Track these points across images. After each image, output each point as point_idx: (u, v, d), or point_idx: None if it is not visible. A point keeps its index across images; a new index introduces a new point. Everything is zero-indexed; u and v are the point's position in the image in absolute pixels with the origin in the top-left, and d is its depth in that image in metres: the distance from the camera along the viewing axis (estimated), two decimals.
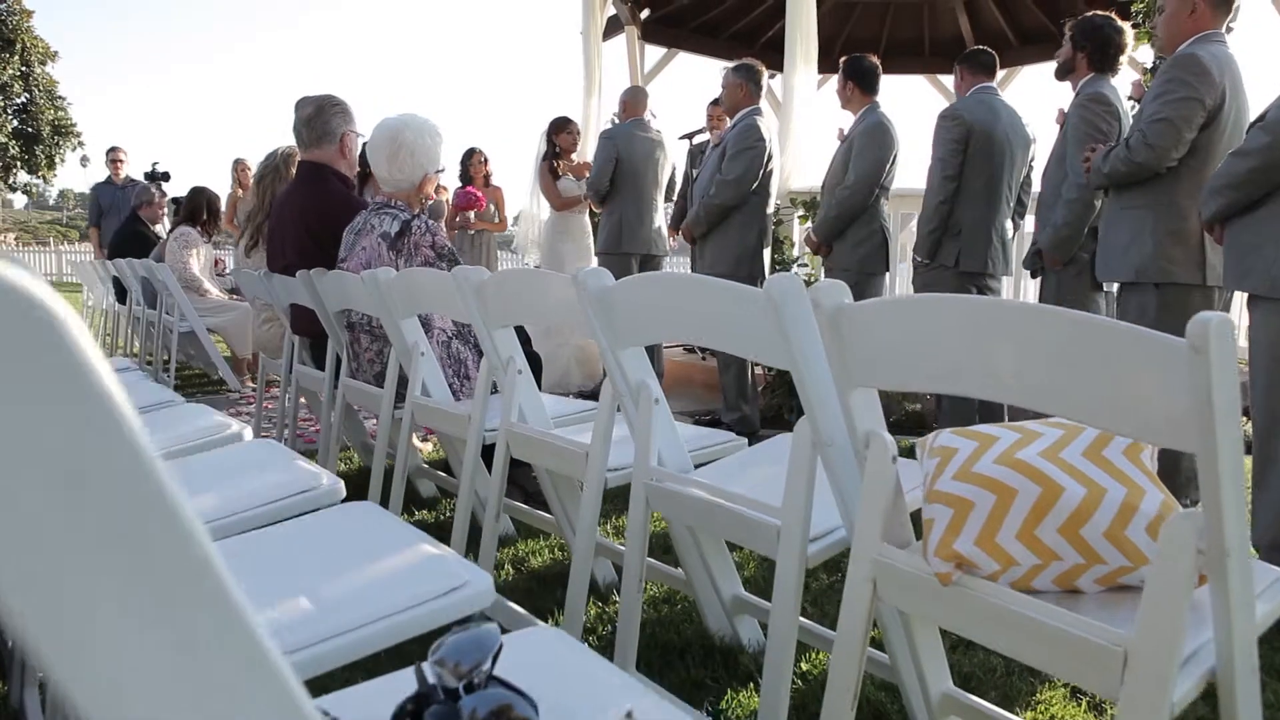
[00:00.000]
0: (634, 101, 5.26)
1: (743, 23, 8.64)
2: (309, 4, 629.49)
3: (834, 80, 10.54)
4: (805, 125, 4.96)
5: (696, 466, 1.80)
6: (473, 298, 1.98)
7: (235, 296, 5.65)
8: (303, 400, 3.34)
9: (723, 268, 4.24)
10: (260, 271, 3.09)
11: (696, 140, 6.21)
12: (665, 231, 5.32)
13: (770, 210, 4.30)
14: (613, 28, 7.85)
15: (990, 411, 3.90)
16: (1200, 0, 2.69)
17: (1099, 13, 3.31)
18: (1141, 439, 1.15)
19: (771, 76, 9.59)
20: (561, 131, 5.62)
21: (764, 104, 9.28)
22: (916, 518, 1.27)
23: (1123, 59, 3.29)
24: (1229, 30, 2.77)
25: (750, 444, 2.14)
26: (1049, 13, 8.39)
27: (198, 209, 5.49)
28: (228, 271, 5.93)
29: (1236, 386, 0.86)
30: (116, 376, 0.30)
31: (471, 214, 6.19)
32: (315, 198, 2.70)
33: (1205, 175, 2.57)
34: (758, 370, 4.91)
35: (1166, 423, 0.89)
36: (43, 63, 19.95)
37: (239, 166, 8.05)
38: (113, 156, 8.09)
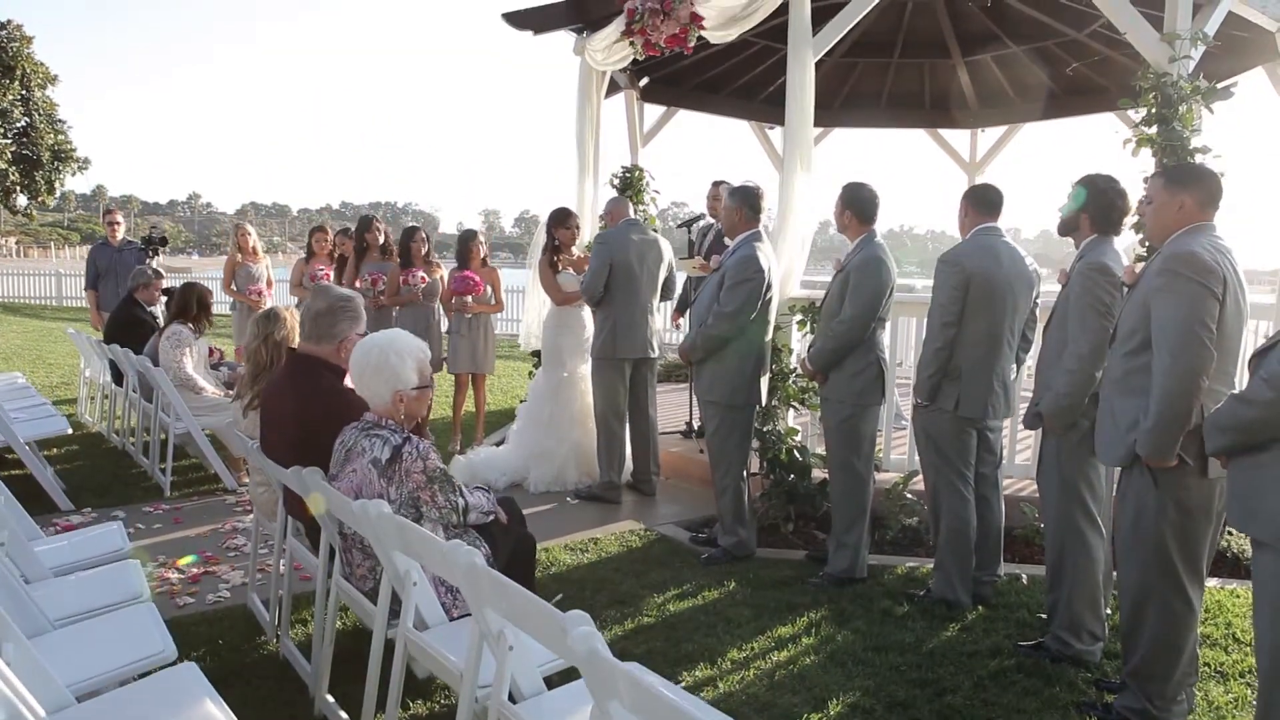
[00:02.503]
0: (617, 209, 5.27)
1: (742, 80, 8.60)
2: (308, 7, 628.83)
3: (835, 134, 10.50)
4: (803, 229, 4.92)
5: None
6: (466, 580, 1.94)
7: (230, 392, 5.62)
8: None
9: (719, 394, 4.23)
10: (255, 444, 3.07)
11: (696, 226, 6.20)
12: (660, 328, 5.32)
13: (768, 338, 4.27)
14: (611, 88, 7.82)
15: (985, 529, 3.89)
16: (1188, 198, 2.67)
17: (1102, 174, 3.29)
18: None
19: (770, 129, 9.63)
20: (561, 225, 5.60)
21: (763, 149, 9.14)
22: None
23: (1126, 221, 3.27)
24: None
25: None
26: (1048, 71, 8.35)
27: (187, 305, 5.48)
28: (222, 363, 5.90)
29: None
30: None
31: (469, 298, 6.17)
32: (308, 397, 2.69)
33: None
34: (754, 475, 4.89)
35: None
36: (42, 87, 19.94)
37: (239, 231, 8.05)
38: (109, 220, 8.08)
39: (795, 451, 4.80)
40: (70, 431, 5.21)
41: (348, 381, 2.75)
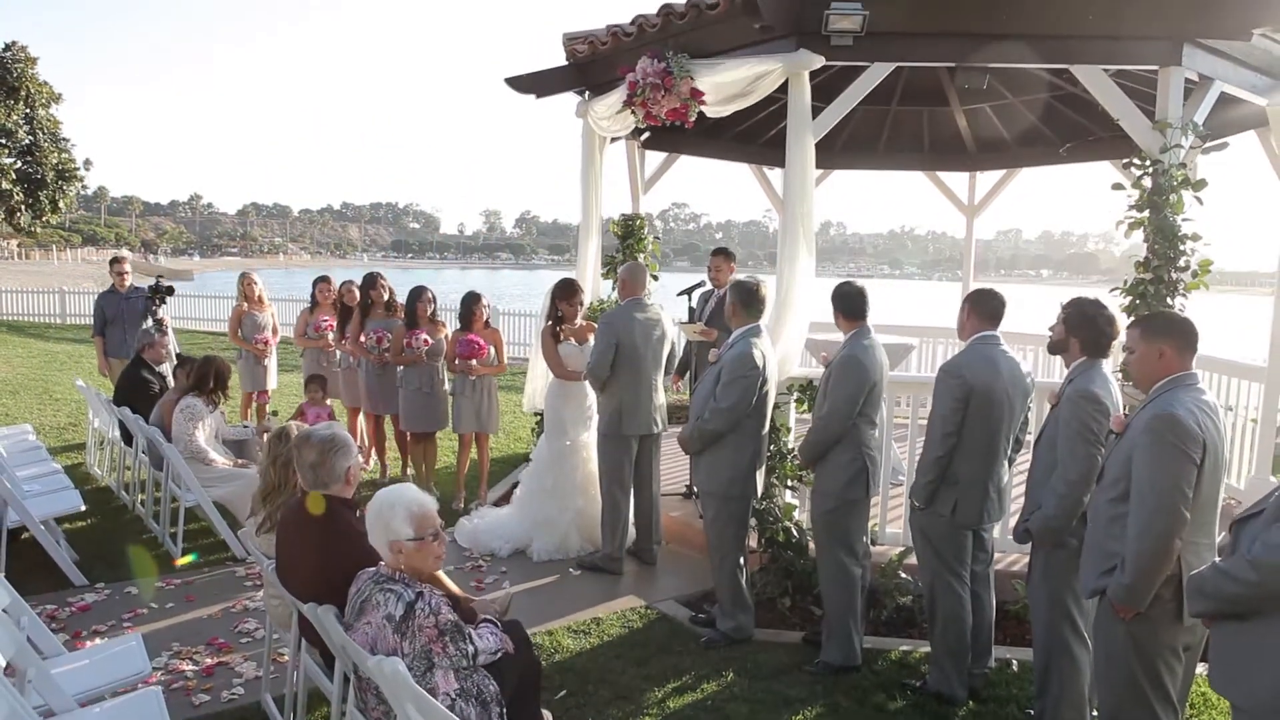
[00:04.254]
0: (632, 280, 5.35)
1: (743, 125, 8.69)
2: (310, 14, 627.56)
3: (835, 175, 10.56)
4: (803, 311, 5.02)
5: None
6: None
7: (240, 462, 5.73)
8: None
9: (716, 485, 4.33)
10: (271, 564, 3.17)
11: (698, 293, 6.30)
12: (664, 407, 5.42)
13: (764, 431, 4.37)
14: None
15: (978, 623, 3.99)
16: (1168, 348, 2.78)
17: (1090, 300, 3.39)
18: None
19: (770, 169, 9.72)
20: (565, 299, 5.69)
21: (762, 190, 9.15)
22: None
23: (1115, 344, 3.37)
24: None
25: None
26: (1044, 118, 8.45)
27: (204, 378, 5.57)
28: (229, 437, 5.98)
29: None
30: None
31: (474, 361, 6.26)
32: (325, 538, 2.80)
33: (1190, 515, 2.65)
34: (752, 552, 4.99)
35: None
36: (46, 106, 20.03)
37: (245, 280, 8.15)
38: (118, 269, 8.17)
39: (792, 529, 4.90)
40: (83, 508, 5.30)
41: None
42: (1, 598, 3.08)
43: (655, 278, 7.55)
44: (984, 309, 3.75)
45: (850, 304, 4.11)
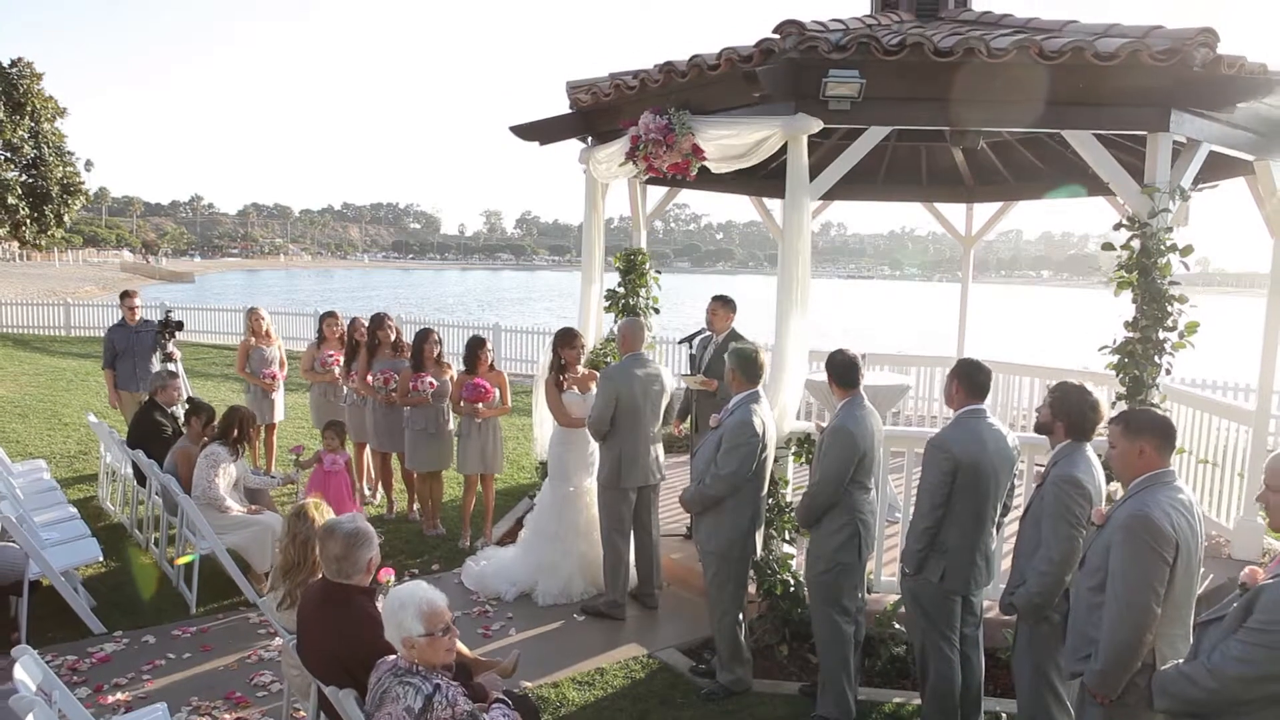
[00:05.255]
0: (631, 336, 5.50)
1: None
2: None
3: (835, 205, 10.70)
4: (798, 369, 5.16)
5: None
6: None
7: (254, 509, 5.87)
8: None
9: (716, 545, 4.48)
10: (291, 641, 3.32)
11: (697, 340, 6.45)
12: (662, 459, 5.58)
13: (763, 493, 4.52)
14: None
15: (966, 683, 4.13)
16: (1148, 445, 2.92)
17: (1075, 386, 3.54)
18: None
19: (771, 199, 9.86)
20: (567, 346, 5.84)
21: (761, 219, 9.42)
22: None
23: (1099, 429, 3.51)
24: None
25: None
26: (1039, 155, 8.59)
27: (229, 427, 5.73)
28: (252, 485, 6.12)
29: None
30: None
31: (479, 405, 6.41)
32: (346, 627, 2.95)
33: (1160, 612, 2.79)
34: (751, 602, 5.13)
35: None
36: (51, 120, 20.18)
37: (253, 316, 8.30)
38: (128, 304, 8.32)
39: (789, 581, 5.05)
40: (102, 558, 5.45)
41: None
42: (34, 672, 3.22)
43: (657, 311, 7.71)
44: (971, 385, 3.90)
45: (844, 373, 4.26)
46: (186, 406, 6.29)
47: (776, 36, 4.96)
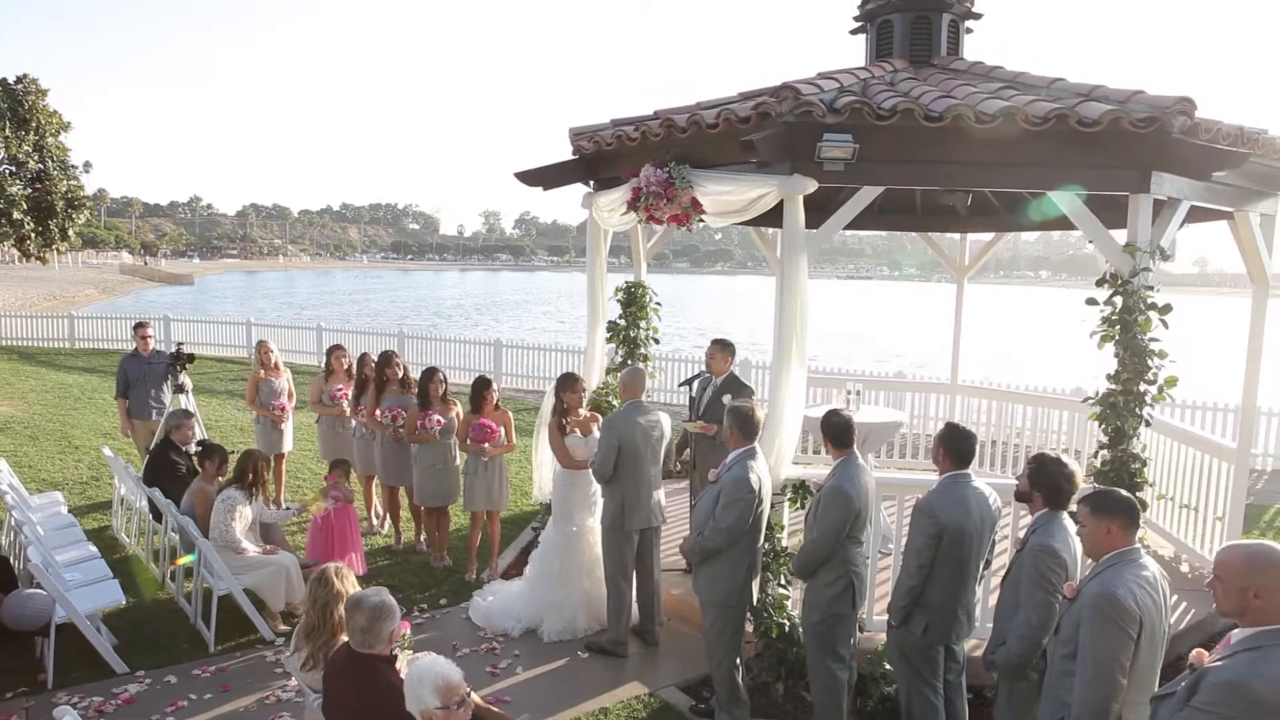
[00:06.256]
0: (632, 384, 5.71)
1: None
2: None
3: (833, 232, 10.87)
4: (793, 420, 5.37)
5: None
6: None
7: (269, 549, 6.07)
8: None
9: (714, 595, 4.70)
10: (317, 701, 3.53)
11: (696, 382, 6.66)
12: (663, 502, 5.79)
13: (759, 544, 4.74)
14: None
15: (953, 714, 4.35)
16: (1114, 525, 3.14)
17: (1052, 458, 3.75)
18: None
19: (769, 226, 10.07)
20: (569, 390, 6.05)
21: (760, 248, 9.56)
22: None
23: (1074, 499, 3.72)
24: None
25: None
26: (1034, 193, 8.79)
27: (244, 472, 5.94)
28: (268, 520, 6.32)
29: None
30: None
31: (486, 445, 6.62)
32: (367, 692, 3.15)
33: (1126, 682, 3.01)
34: (749, 642, 5.34)
35: None
36: (55, 134, 20.35)
37: (262, 349, 8.50)
38: (141, 334, 8.54)
39: (785, 624, 5.26)
40: (124, 602, 5.65)
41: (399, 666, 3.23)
42: None
43: (657, 341, 7.92)
44: (956, 453, 4.12)
45: (839, 435, 4.48)
46: (199, 448, 6.49)
47: (773, 100, 5.17)
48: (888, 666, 5.17)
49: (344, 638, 3.46)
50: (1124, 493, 3.25)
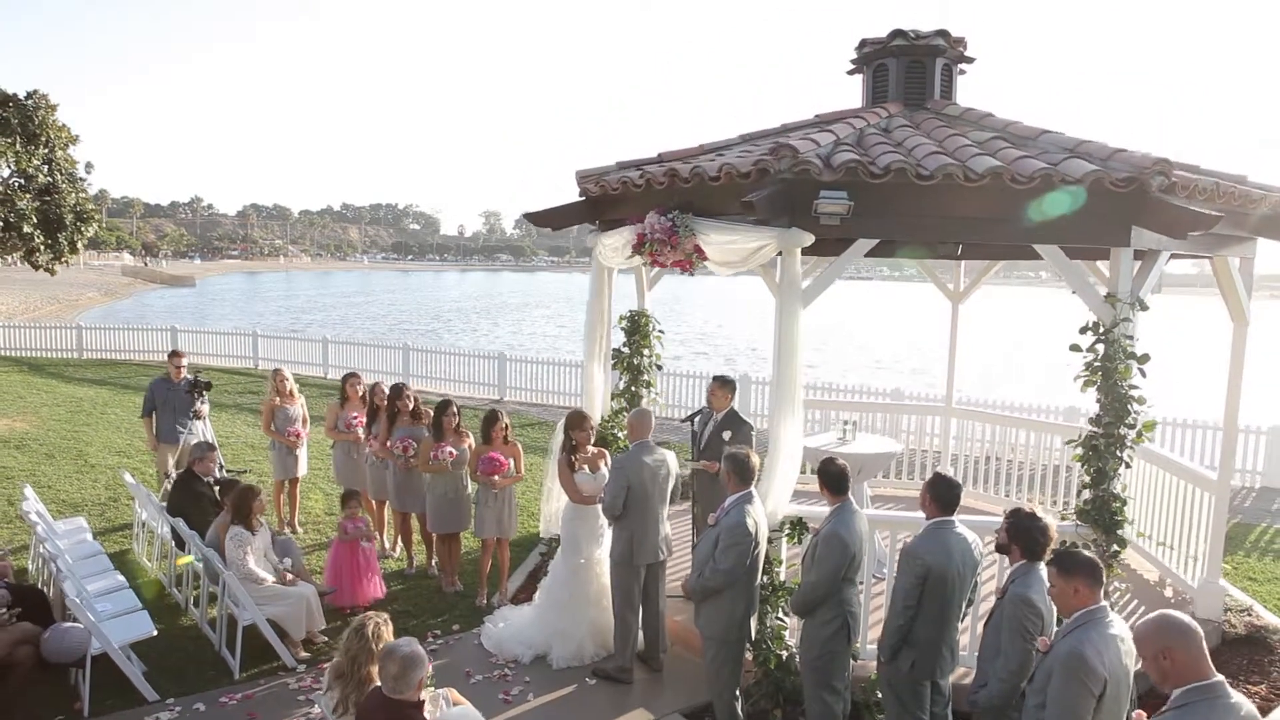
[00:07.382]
0: (640, 425, 5.98)
1: None
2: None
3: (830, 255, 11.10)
4: (789, 468, 5.64)
5: None
6: None
7: (290, 579, 6.35)
8: None
9: (715, 631, 4.99)
10: None
11: (698, 419, 6.95)
12: (670, 536, 6.07)
13: (757, 583, 5.03)
14: None
15: None
16: (1081, 585, 3.42)
17: (1027, 514, 4.04)
18: None
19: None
20: (577, 428, 6.32)
21: (761, 278, 9.67)
22: None
23: (1049, 550, 4.00)
24: None
25: None
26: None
27: (239, 509, 6.21)
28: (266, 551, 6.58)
29: None
30: None
31: (496, 476, 6.89)
32: None
33: None
34: (747, 672, 5.62)
35: None
36: (64, 148, 20.64)
37: (277, 377, 8.77)
38: (175, 363, 8.86)
39: (783, 653, 5.54)
40: (155, 633, 5.92)
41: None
42: None
43: (660, 368, 8.19)
44: (942, 501, 4.40)
45: (835, 483, 4.76)
46: (218, 483, 6.79)
47: (771, 158, 5.44)
48: (879, 696, 5.45)
49: (373, 684, 3.74)
50: (1087, 554, 3.53)
